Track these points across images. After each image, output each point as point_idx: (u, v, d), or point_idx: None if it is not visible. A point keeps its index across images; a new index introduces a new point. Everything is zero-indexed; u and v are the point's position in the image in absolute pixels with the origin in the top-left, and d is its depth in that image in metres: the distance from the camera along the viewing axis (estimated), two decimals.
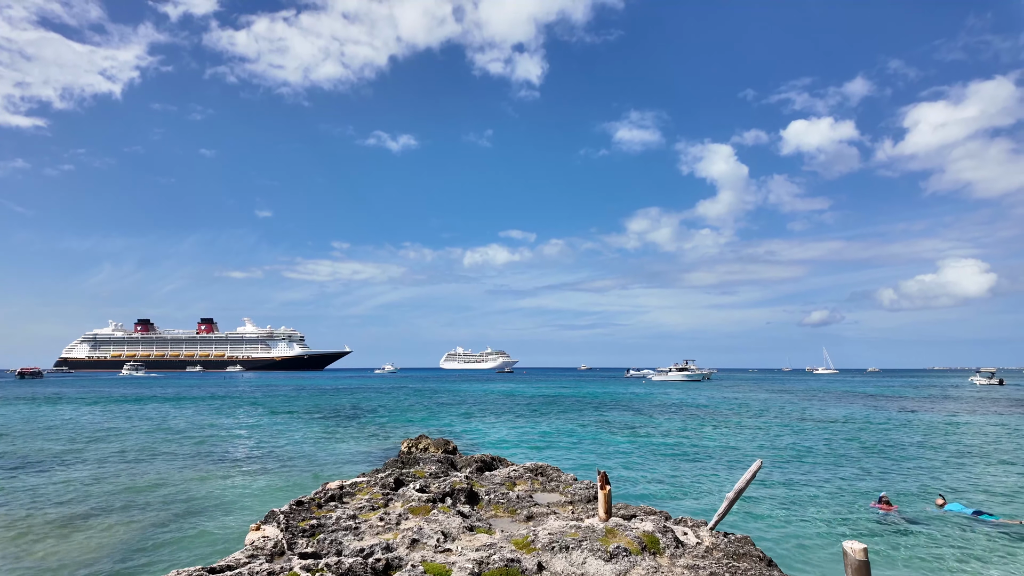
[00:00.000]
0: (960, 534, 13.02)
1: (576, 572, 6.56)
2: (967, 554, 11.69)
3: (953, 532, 13.20)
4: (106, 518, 14.42)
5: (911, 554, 11.74)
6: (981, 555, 11.64)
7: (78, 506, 15.63)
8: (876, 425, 38.25)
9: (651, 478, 20.26)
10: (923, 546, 12.25)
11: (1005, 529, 13.37)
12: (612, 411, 49.89)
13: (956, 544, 12.33)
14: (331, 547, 7.32)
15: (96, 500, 16.36)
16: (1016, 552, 11.80)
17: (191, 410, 49.98)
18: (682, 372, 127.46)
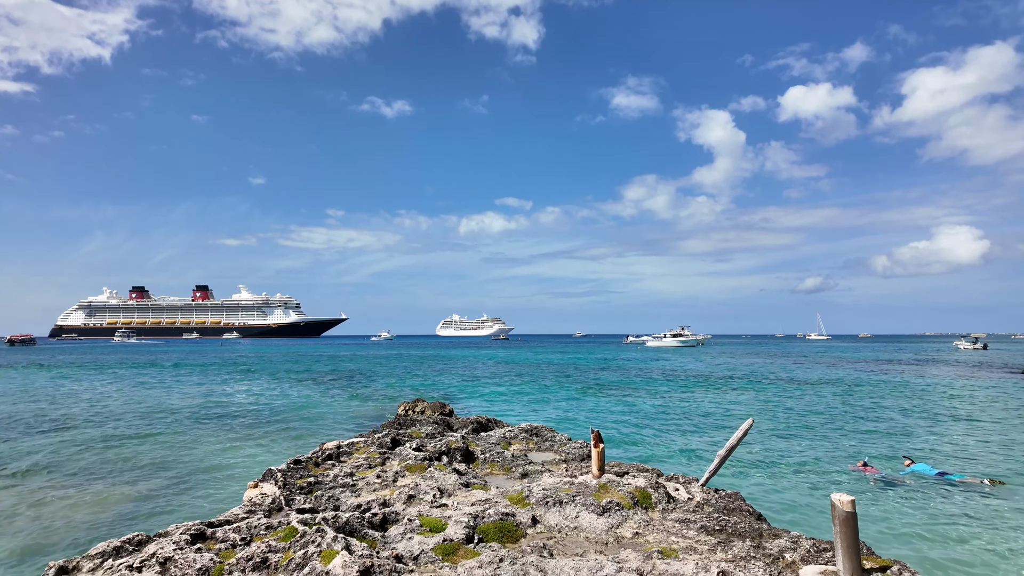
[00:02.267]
0: (927, 494, 13.48)
1: (569, 525, 6.70)
2: (935, 512, 12.16)
3: (921, 492, 13.66)
4: (107, 481, 14.61)
5: (883, 513, 12.15)
6: (947, 513, 12.12)
7: (79, 470, 15.82)
8: (862, 388, 38.89)
9: (644, 439, 20.60)
10: (895, 505, 12.67)
11: (968, 488, 13.89)
12: (607, 376, 50.41)
13: (924, 503, 12.78)
14: (328, 503, 7.44)
15: (96, 464, 16.55)
16: (978, 509, 12.31)
17: (189, 376, 50.25)
18: (677, 338, 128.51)
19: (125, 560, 5.07)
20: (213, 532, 5.83)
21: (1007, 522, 11.59)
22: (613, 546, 6.06)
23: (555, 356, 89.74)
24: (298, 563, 4.94)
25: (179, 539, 5.48)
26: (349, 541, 5.19)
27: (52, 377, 48.73)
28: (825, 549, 5.76)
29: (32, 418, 25.31)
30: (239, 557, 5.17)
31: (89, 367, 61.41)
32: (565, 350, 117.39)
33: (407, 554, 5.44)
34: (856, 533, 5.10)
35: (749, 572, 5.28)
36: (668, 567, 5.28)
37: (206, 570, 4.94)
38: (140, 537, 5.72)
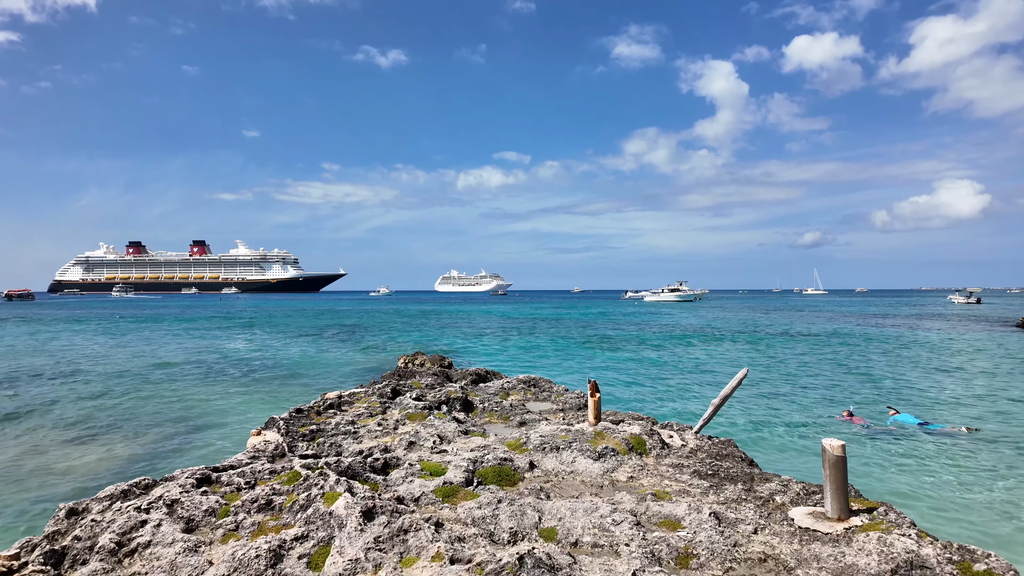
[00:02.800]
0: (909, 442, 14.00)
1: (566, 470, 6.87)
2: (917, 459, 12.68)
3: (904, 440, 14.17)
4: (111, 431, 14.89)
5: (868, 460, 12.59)
6: (928, 460, 12.67)
7: (84, 422, 16.09)
8: (854, 341, 39.39)
9: (640, 390, 20.94)
10: (878, 453, 13.18)
11: (947, 436, 14.46)
12: (604, 330, 50.83)
13: (907, 451, 13.28)
14: (331, 449, 7.60)
15: (100, 415, 16.82)
16: (956, 456, 12.89)
17: (190, 330, 50.57)
18: (674, 293, 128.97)
19: (133, 502, 5.21)
20: (218, 476, 5.97)
21: (982, 466, 12.14)
22: (608, 489, 6.23)
23: (553, 311, 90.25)
24: (302, 504, 5.08)
25: (185, 483, 5.62)
26: (351, 484, 5.32)
27: (52, 331, 49.02)
28: (814, 492, 5.92)
29: (33, 371, 25.58)
30: (244, 499, 5.31)
31: (89, 321, 61.72)
32: (563, 305, 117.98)
33: (408, 496, 5.59)
34: (845, 476, 5.23)
35: (740, 513, 5.45)
36: (661, 508, 5.44)
37: (212, 511, 5.09)
38: (147, 481, 5.86)
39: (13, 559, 4.26)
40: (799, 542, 4.88)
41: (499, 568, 3.85)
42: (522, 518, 5.13)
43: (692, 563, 4.49)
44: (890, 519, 4.99)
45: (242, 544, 4.47)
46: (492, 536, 4.86)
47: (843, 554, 4.57)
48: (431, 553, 4.19)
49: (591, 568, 4.22)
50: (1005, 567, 4.24)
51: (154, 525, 4.69)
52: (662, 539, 4.76)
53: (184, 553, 4.35)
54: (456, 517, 5.11)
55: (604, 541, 4.81)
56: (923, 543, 4.46)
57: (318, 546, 4.47)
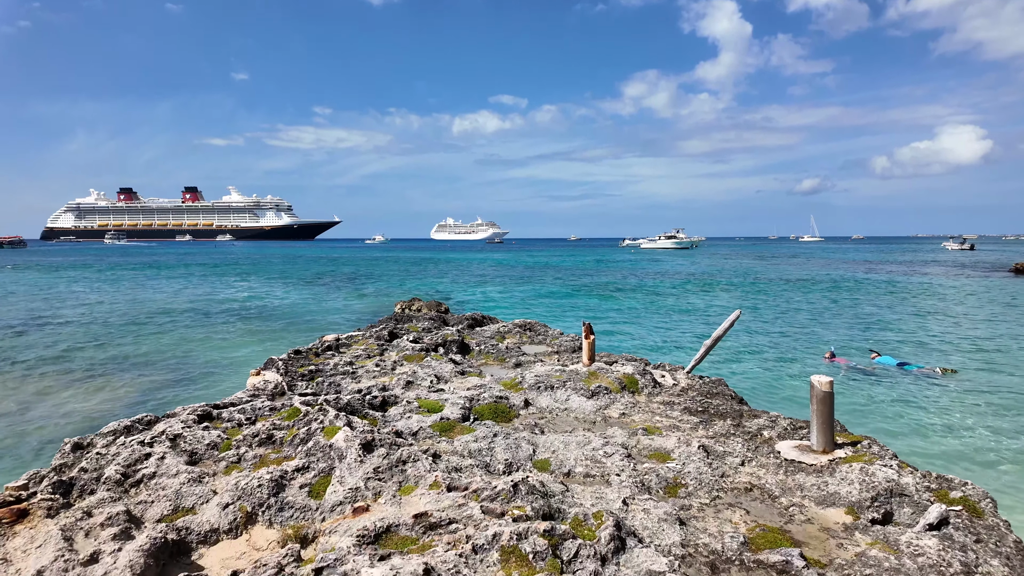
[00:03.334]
0: (889, 382, 14.72)
1: (560, 407, 7.03)
2: (895, 398, 13.38)
3: (884, 380, 14.85)
4: (113, 373, 15.08)
5: (850, 398, 13.05)
6: (905, 398, 13.37)
7: (85, 365, 16.27)
8: (846, 286, 39.79)
9: (634, 334, 21.21)
10: (860, 391, 13.79)
11: (923, 377, 15.20)
12: (600, 277, 51.01)
13: (887, 390, 13.97)
14: (330, 389, 7.73)
15: (101, 358, 17.00)
16: (930, 394, 13.66)
17: (187, 276, 50.53)
18: (671, 240, 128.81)
19: (136, 437, 5.33)
20: (219, 413, 6.10)
21: (954, 404, 12.80)
22: (600, 425, 6.40)
23: (549, 259, 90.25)
24: (302, 438, 5.20)
25: (186, 419, 5.74)
26: (351, 419, 5.44)
27: (48, 279, 48.91)
28: (801, 427, 6.09)
29: (31, 317, 25.67)
30: (245, 434, 5.44)
31: (85, 268, 61.51)
32: (560, 253, 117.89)
33: (406, 431, 5.73)
34: (831, 412, 5.37)
35: (728, 447, 5.62)
36: (652, 442, 5.60)
37: (215, 445, 5.22)
38: (149, 417, 5.98)
39: (22, 489, 4.39)
40: (784, 473, 5.05)
41: (494, 495, 3.99)
42: (517, 450, 5.28)
43: (680, 492, 4.66)
44: (873, 451, 5.15)
45: (245, 475, 4.60)
46: (488, 467, 5.01)
47: (826, 483, 4.74)
48: (429, 482, 4.33)
49: (583, 496, 4.38)
50: (981, 494, 4.41)
51: (158, 457, 4.82)
52: (652, 470, 4.92)
53: (189, 483, 4.49)
54: (453, 450, 5.26)
55: (596, 472, 4.97)
56: (903, 473, 4.63)
57: (319, 476, 4.60)
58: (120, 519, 3.95)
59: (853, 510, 4.41)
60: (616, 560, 3.33)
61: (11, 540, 3.79)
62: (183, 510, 4.27)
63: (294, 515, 4.26)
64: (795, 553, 3.66)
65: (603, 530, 3.48)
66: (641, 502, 4.29)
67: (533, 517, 3.66)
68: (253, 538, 4.07)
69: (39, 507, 4.09)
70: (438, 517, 3.77)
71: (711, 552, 3.77)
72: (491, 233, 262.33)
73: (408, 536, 3.67)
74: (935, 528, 3.98)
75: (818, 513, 4.42)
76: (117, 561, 3.52)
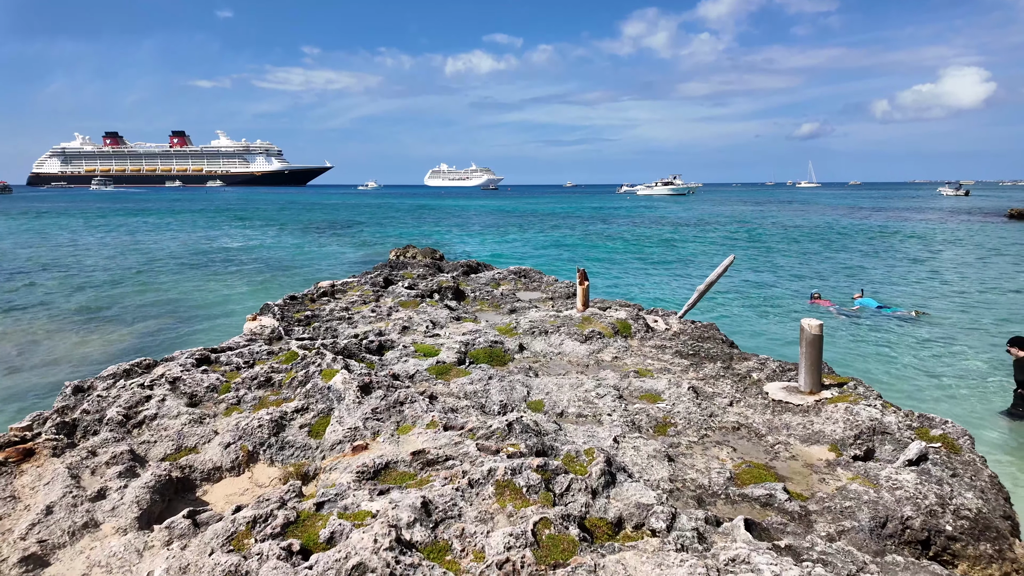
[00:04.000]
0: (868, 323, 15.39)
1: (554, 351, 7.14)
2: (873, 339, 14.03)
3: (864, 322, 15.51)
4: (109, 319, 15.13)
5: (832, 337, 13.42)
6: (883, 339, 14.01)
7: (81, 312, 16.29)
8: (839, 231, 39.95)
9: (629, 281, 21.34)
10: (843, 332, 14.19)
11: (899, 319, 15.87)
12: (596, 224, 50.81)
13: (865, 331, 14.65)
14: (326, 334, 7.81)
15: (97, 304, 17.01)
16: (907, 335, 14.33)
17: (180, 223, 50.02)
18: (667, 187, 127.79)
19: (136, 380, 5.41)
20: (217, 357, 6.17)
21: (926, 346, 13.43)
22: (593, 368, 6.52)
23: (545, 206, 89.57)
24: (301, 380, 5.29)
25: (185, 362, 5.81)
26: (348, 362, 5.52)
27: (39, 225, 48.31)
28: (790, 369, 6.22)
29: (23, 265, 25.50)
30: (244, 377, 5.52)
31: (75, 214, 60.71)
32: (555, 200, 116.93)
33: (403, 374, 5.83)
34: (820, 354, 5.48)
35: (718, 388, 5.75)
36: (643, 384, 5.73)
37: (214, 388, 5.30)
38: (148, 361, 6.04)
39: (26, 430, 4.48)
40: (771, 413, 5.20)
41: (489, 433, 4.10)
42: (511, 392, 5.39)
43: (669, 431, 4.80)
44: (859, 392, 5.29)
45: (245, 416, 4.70)
46: (483, 408, 5.13)
47: (811, 422, 4.89)
48: (426, 422, 4.44)
49: (575, 434, 4.51)
50: (959, 432, 4.57)
51: (159, 400, 4.90)
52: (642, 410, 5.05)
53: (190, 424, 4.58)
54: (449, 391, 5.37)
55: (588, 412, 5.10)
56: (887, 412, 4.77)
57: (318, 417, 4.71)
58: (125, 458, 4.06)
59: (836, 447, 4.57)
60: (606, 493, 3.46)
61: (19, 478, 3.89)
62: (185, 449, 4.38)
63: (295, 454, 4.39)
64: (779, 487, 3.81)
65: (594, 466, 3.61)
66: (631, 440, 4.42)
67: (527, 454, 3.78)
68: (255, 475, 4.20)
69: (44, 447, 4.19)
70: (435, 454, 3.89)
71: (698, 487, 3.92)
72: (486, 180, 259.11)
73: (406, 472, 3.79)
74: (914, 464, 4.14)
75: (802, 450, 4.57)
76: (124, 497, 3.63)
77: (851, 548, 3.22)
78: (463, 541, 2.98)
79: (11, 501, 3.69)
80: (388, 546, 2.73)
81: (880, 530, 3.53)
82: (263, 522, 3.14)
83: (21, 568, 3.02)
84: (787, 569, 2.70)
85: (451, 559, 2.88)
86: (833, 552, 3.09)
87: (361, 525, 3.02)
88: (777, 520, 3.52)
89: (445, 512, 3.20)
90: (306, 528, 3.12)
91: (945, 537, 3.58)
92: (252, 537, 3.03)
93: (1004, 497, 4.02)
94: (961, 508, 3.72)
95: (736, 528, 3.22)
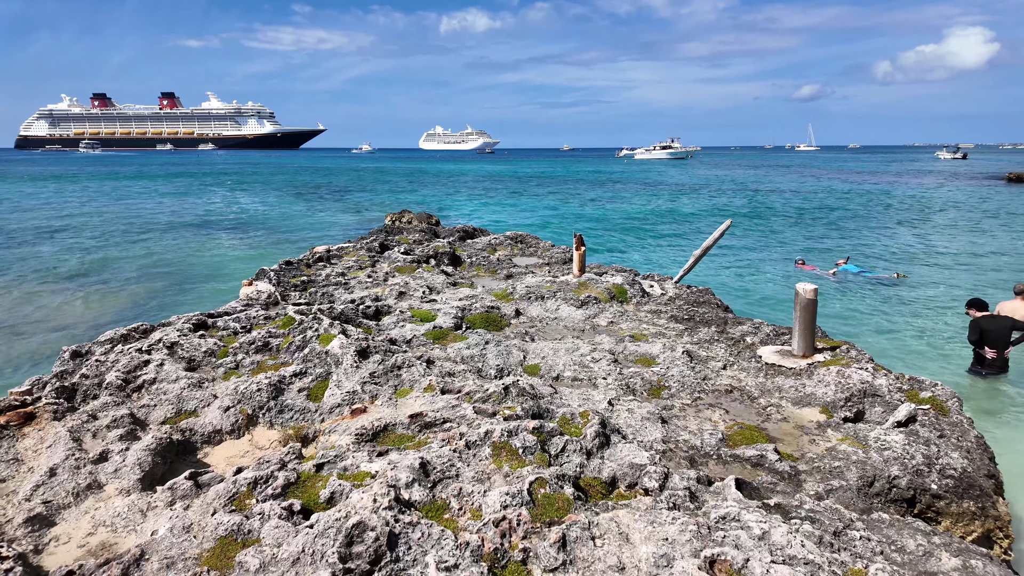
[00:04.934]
0: (850, 287, 15.88)
1: (550, 316, 7.17)
2: (858, 300, 14.45)
3: (850, 285, 15.97)
4: (105, 284, 15.09)
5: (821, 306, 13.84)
6: (866, 302, 14.36)
7: (76, 277, 16.22)
8: (834, 196, 39.92)
9: (625, 245, 21.32)
10: (830, 296, 14.57)
11: (881, 281, 16.33)
12: (594, 189, 50.44)
13: (850, 294, 15.06)
14: (323, 299, 7.81)
15: (92, 269, 16.94)
16: (888, 297, 14.74)
17: (174, 187, 49.46)
18: (666, 151, 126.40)
19: (134, 345, 5.42)
20: (214, 322, 6.18)
21: (907, 306, 13.88)
22: (589, 333, 6.57)
23: (542, 170, 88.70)
24: (298, 345, 5.32)
25: (182, 327, 5.82)
26: (345, 327, 5.54)
27: (33, 189, 47.71)
28: (784, 334, 6.28)
29: (17, 227, 25.28)
30: (242, 341, 5.54)
31: (63, 179, 59.89)
32: (552, 164, 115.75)
33: (400, 339, 5.87)
34: (813, 318, 5.52)
35: (711, 352, 5.81)
36: (638, 348, 5.78)
37: (212, 352, 5.33)
38: (145, 326, 6.05)
39: (26, 394, 4.52)
40: (764, 376, 5.26)
41: (486, 396, 4.15)
42: (508, 356, 5.44)
43: (663, 394, 4.87)
44: (851, 355, 5.35)
45: (244, 380, 4.74)
46: (480, 372, 5.18)
47: (803, 385, 4.96)
48: (423, 385, 4.49)
49: (571, 397, 4.57)
50: (948, 394, 4.65)
51: (157, 364, 4.93)
52: (637, 374, 5.11)
53: (189, 388, 4.62)
54: (446, 356, 5.41)
55: (583, 376, 5.16)
56: (878, 375, 4.83)
57: (316, 381, 4.75)
58: (125, 421, 4.10)
59: (827, 409, 4.65)
60: (600, 454, 3.53)
61: (21, 441, 3.94)
62: (185, 413, 4.43)
63: (294, 417, 4.44)
64: (769, 448, 3.89)
65: (589, 427, 3.67)
66: (626, 403, 4.48)
67: (523, 416, 3.83)
68: (255, 438, 4.26)
69: (45, 411, 4.23)
70: (433, 417, 3.94)
71: (690, 447, 4.00)
72: (482, 143, 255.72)
73: (404, 434, 3.85)
74: (903, 425, 4.22)
75: (794, 412, 4.65)
76: (126, 459, 3.69)
77: (839, 506, 3.30)
78: (461, 500, 3.05)
79: (14, 463, 3.74)
80: (387, 505, 2.80)
81: (867, 489, 3.62)
82: (264, 483, 3.19)
83: (27, 528, 3.08)
84: (776, 526, 2.77)
85: (449, 518, 2.95)
86: (821, 510, 3.17)
87: (360, 485, 3.08)
88: (767, 480, 3.60)
89: (443, 473, 3.27)
90: (306, 489, 3.18)
91: (930, 495, 3.68)
92: (253, 498, 3.09)
93: (989, 457, 4.11)
94: (947, 468, 3.81)
95: (727, 487, 3.30)
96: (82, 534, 3.10)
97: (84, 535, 3.09)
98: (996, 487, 3.94)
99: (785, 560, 2.58)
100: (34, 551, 2.97)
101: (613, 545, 2.69)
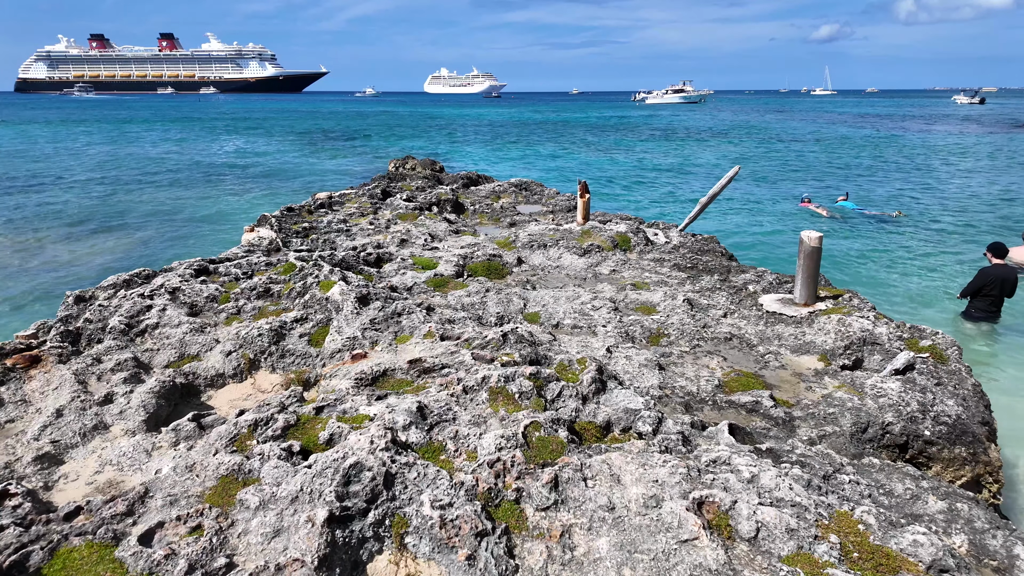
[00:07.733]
0: (853, 222, 16.21)
1: (552, 265, 7.14)
2: (860, 241, 14.61)
3: (850, 222, 16.30)
4: (107, 230, 15.11)
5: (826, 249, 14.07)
6: (871, 243, 14.56)
7: (78, 222, 16.23)
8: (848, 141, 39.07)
9: (633, 192, 21.05)
10: (834, 237, 14.57)
11: (880, 219, 16.64)
12: (602, 135, 49.40)
13: (853, 234, 15.24)
14: (324, 246, 7.80)
15: (94, 215, 16.92)
16: (882, 232, 15.08)
17: (176, 132, 48.81)
18: (678, 95, 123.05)
19: (137, 290, 5.45)
20: (215, 268, 6.19)
21: (905, 247, 14.06)
22: (591, 281, 6.55)
23: (549, 115, 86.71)
24: (299, 291, 5.34)
25: (184, 273, 5.84)
26: (346, 274, 5.54)
27: (30, 135, 47.22)
28: (787, 282, 6.24)
29: (16, 172, 25.15)
30: (243, 287, 5.57)
31: (67, 123, 59.16)
32: (560, 109, 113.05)
33: (401, 286, 5.87)
34: (817, 266, 5.47)
35: (713, 300, 5.79)
36: (639, 296, 5.77)
37: (213, 298, 5.36)
38: (147, 272, 6.08)
39: (31, 337, 4.58)
40: (764, 324, 5.26)
41: (485, 343, 4.17)
42: (508, 304, 5.44)
43: (662, 341, 4.88)
44: (853, 304, 5.32)
45: (245, 325, 4.78)
46: (480, 320, 5.19)
47: (803, 333, 4.96)
48: (423, 332, 4.51)
49: (569, 345, 4.59)
50: (949, 343, 4.63)
51: (159, 309, 4.97)
52: (637, 321, 5.11)
53: (191, 333, 4.67)
54: (446, 303, 5.42)
55: (583, 323, 5.17)
56: (879, 323, 4.81)
57: (317, 327, 4.78)
58: (129, 364, 4.17)
59: (826, 357, 4.66)
60: (596, 400, 3.57)
61: (27, 383, 4.02)
62: (188, 357, 4.49)
63: (295, 361, 4.49)
64: (765, 395, 3.92)
65: (586, 374, 3.69)
66: (624, 350, 4.50)
67: (521, 363, 3.86)
68: (258, 382, 4.33)
69: (50, 354, 4.29)
70: (431, 363, 3.98)
71: (687, 394, 4.03)
72: (488, 86, 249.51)
73: (403, 379, 3.90)
74: (901, 373, 4.23)
75: (792, 360, 4.67)
76: (131, 401, 3.76)
77: (830, 451, 3.35)
78: (456, 442, 3.10)
79: (22, 405, 3.82)
80: (384, 446, 2.85)
81: (861, 435, 3.66)
82: (264, 425, 3.26)
83: (36, 466, 3.18)
84: (765, 470, 2.82)
85: (445, 459, 3.01)
86: (812, 455, 3.22)
87: (359, 428, 3.14)
88: (761, 425, 3.64)
89: (440, 416, 3.32)
90: (306, 431, 3.25)
91: (923, 441, 3.72)
92: (254, 439, 3.16)
93: (985, 404, 4.13)
94: (941, 415, 3.83)
95: (720, 432, 3.34)
96: (89, 472, 3.20)
97: (91, 473, 3.19)
98: (989, 434, 3.98)
99: (772, 502, 2.63)
100: (44, 487, 3.06)
101: (604, 486, 2.74)
